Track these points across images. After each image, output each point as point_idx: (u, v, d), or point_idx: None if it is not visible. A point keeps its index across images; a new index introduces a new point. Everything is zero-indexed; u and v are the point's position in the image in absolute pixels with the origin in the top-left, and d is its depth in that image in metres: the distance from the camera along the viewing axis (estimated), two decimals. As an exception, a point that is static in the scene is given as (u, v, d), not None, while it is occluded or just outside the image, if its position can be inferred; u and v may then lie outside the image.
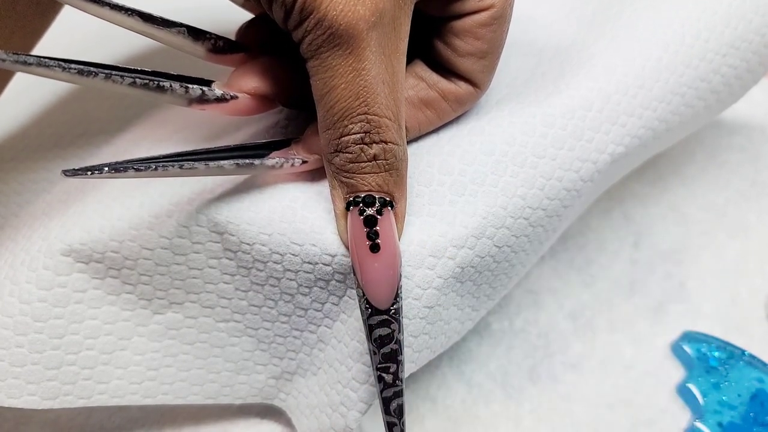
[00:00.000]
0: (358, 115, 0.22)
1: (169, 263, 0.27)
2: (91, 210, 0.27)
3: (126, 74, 0.22)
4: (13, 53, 0.20)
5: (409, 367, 0.27)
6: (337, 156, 0.23)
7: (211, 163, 0.23)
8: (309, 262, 0.26)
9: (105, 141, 0.34)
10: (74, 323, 0.27)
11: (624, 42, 0.29)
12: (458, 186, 0.26)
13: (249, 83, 0.25)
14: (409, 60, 0.27)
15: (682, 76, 0.29)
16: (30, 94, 0.37)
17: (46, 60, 0.21)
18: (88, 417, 0.33)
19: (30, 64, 0.21)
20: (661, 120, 0.29)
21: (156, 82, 0.23)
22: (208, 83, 0.25)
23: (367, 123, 0.22)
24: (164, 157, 0.23)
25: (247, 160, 0.24)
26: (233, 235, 0.26)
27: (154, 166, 0.22)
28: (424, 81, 0.26)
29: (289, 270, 0.26)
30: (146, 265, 0.27)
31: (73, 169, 0.21)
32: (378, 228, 0.23)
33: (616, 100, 0.28)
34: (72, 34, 0.33)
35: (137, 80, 0.23)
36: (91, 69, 0.22)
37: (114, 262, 0.27)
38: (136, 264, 0.27)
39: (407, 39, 0.23)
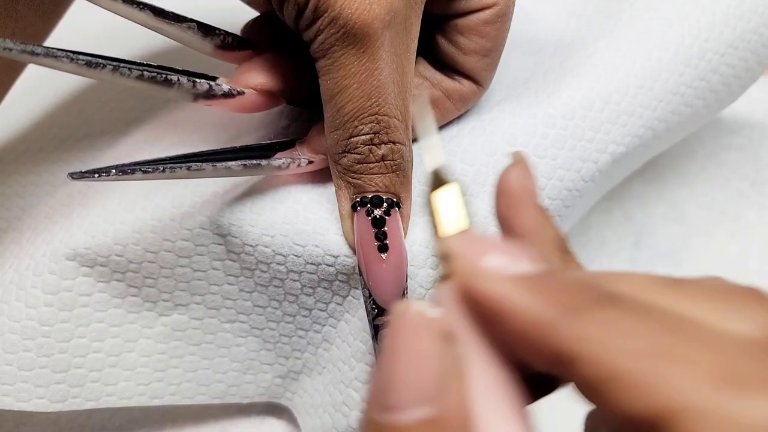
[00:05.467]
0: (369, 116, 0.22)
1: (173, 266, 0.27)
2: (95, 214, 0.27)
3: (134, 67, 0.22)
4: (21, 43, 0.20)
5: (411, 367, 0.27)
6: (345, 156, 0.23)
7: (219, 164, 0.23)
8: (312, 263, 0.26)
9: (107, 144, 0.34)
10: (81, 326, 0.27)
11: (624, 42, 0.30)
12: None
13: (255, 79, 0.25)
14: None
15: (682, 75, 0.29)
16: (31, 96, 0.37)
17: (54, 50, 0.21)
18: (88, 417, 0.33)
19: (38, 54, 0.20)
20: (661, 119, 0.30)
21: (163, 76, 0.23)
22: (214, 79, 0.24)
23: (377, 124, 0.22)
24: (171, 158, 0.23)
25: (254, 161, 0.24)
26: (236, 237, 0.26)
27: (161, 168, 0.22)
28: (427, 80, 0.26)
29: (292, 271, 0.26)
30: (150, 268, 0.27)
31: (80, 172, 0.21)
32: (386, 229, 0.23)
33: (617, 100, 0.28)
34: (76, 37, 0.33)
35: (145, 73, 0.23)
36: (99, 61, 0.22)
37: (119, 266, 0.27)
38: (140, 267, 0.27)
39: (417, 40, 0.23)
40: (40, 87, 0.37)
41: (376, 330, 0.24)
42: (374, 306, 0.23)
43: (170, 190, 0.27)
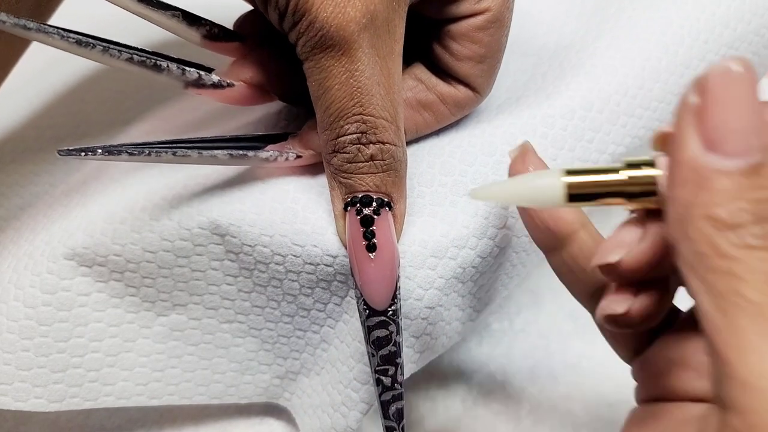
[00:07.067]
0: (354, 115, 0.22)
1: (171, 266, 0.27)
2: (93, 213, 0.27)
3: (124, 50, 0.22)
4: (14, 17, 0.20)
5: (410, 368, 0.27)
6: (335, 156, 0.23)
7: (205, 152, 0.23)
8: (311, 263, 0.26)
9: (105, 143, 0.34)
10: (79, 326, 0.27)
11: (624, 42, 0.30)
12: (459, 187, 0.26)
13: (246, 73, 0.25)
14: (410, 62, 0.27)
15: (682, 76, 0.29)
16: (29, 96, 0.37)
17: (46, 27, 0.21)
18: (87, 417, 0.33)
19: (30, 29, 0.21)
20: (661, 120, 0.30)
21: (153, 61, 0.23)
22: (208, 70, 0.25)
23: (362, 123, 0.22)
24: (158, 142, 0.23)
25: (241, 152, 0.24)
26: (235, 237, 0.26)
27: (147, 151, 0.22)
28: (422, 83, 0.26)
29: (291, 271, 0.26)
30: (149, 268, 0.27)
31: (67, 149, 0.21)
32: (374, 228, 0.23)
33: (616, 101, 0.28)
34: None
35: (135, 57, 0.23)
36: (90, 40, 0.22)
37: (117, 266, 0.27)
38: (138, 267, 0.27)
39: (402, 41, 0.23)
40: (38, 87, 0.37)
41: (368, 331, 0.23)
42: (365, 307, 0.23)
43: (170, 190, 0.27)
